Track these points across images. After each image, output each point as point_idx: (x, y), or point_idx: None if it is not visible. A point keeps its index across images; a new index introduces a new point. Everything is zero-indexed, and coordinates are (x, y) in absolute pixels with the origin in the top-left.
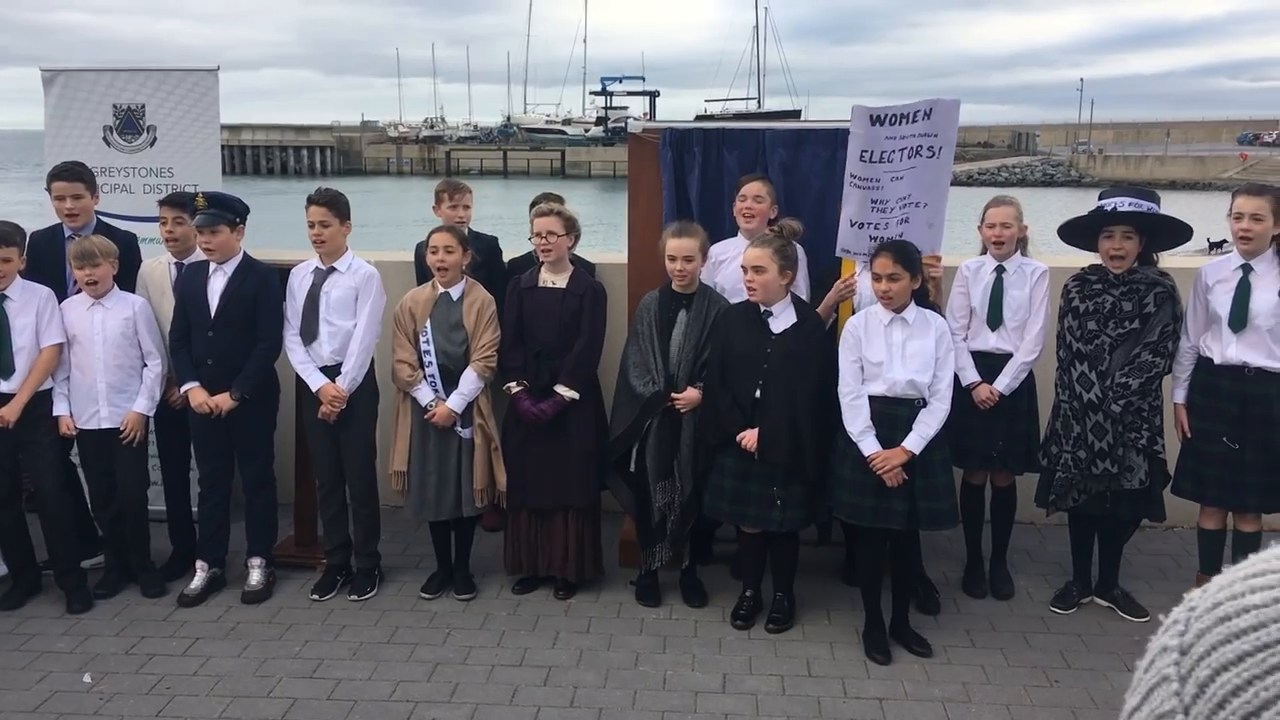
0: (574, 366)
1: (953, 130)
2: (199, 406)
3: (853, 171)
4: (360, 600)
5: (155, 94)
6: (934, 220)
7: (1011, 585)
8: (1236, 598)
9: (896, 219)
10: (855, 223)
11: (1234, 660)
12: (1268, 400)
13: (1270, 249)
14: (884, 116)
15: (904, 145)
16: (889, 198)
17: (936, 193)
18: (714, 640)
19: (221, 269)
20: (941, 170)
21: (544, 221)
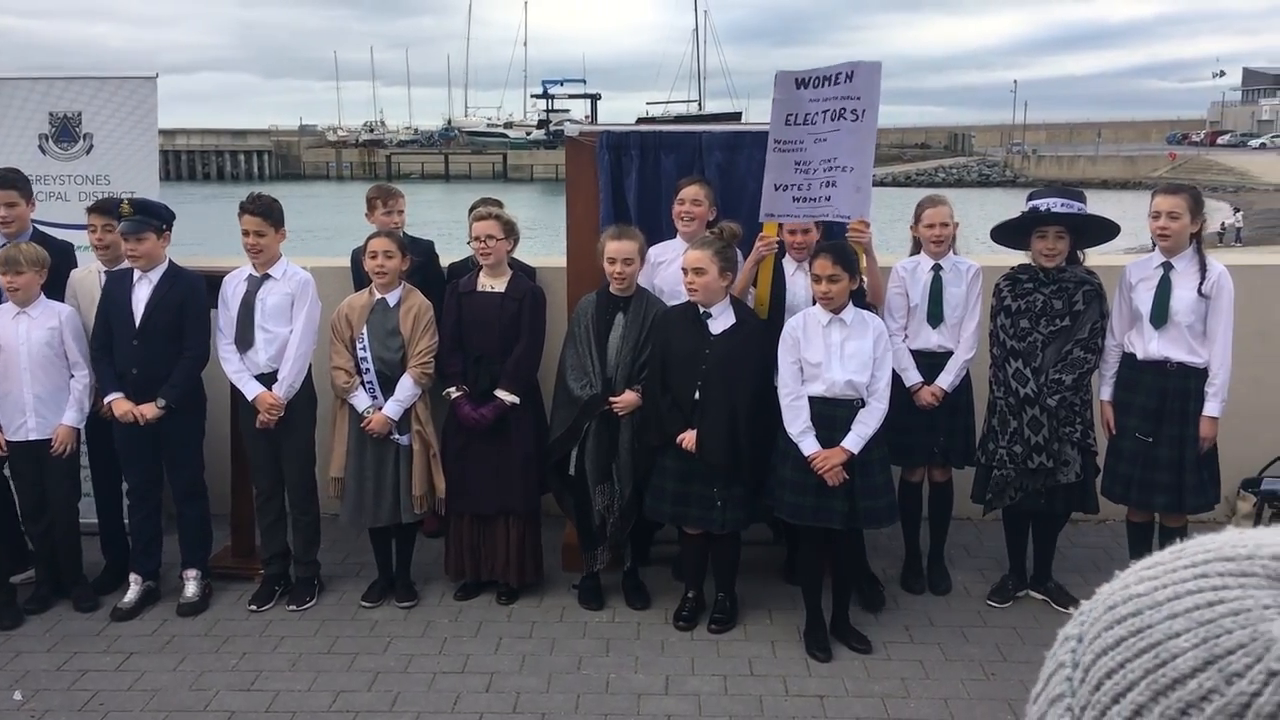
0: (514, 370)
1: (875, 93)
2: (123, 415)
3: (775, 137)
4: (299, 610)
5: (92, 101)
6: (861, 184)
7: (949, 580)
8: (1125, 588)
9: (821, 181)
10: (779, 185)
11: (1112, 645)
12: (1186, 394)
13: (1190, 247)
14: (808, 79)
15: (826, 107)
16: (812, 159)
17: (862, 156)
18: (657, 642)
19: (147, 277)
20: (866, 133)
21: (482, 225)
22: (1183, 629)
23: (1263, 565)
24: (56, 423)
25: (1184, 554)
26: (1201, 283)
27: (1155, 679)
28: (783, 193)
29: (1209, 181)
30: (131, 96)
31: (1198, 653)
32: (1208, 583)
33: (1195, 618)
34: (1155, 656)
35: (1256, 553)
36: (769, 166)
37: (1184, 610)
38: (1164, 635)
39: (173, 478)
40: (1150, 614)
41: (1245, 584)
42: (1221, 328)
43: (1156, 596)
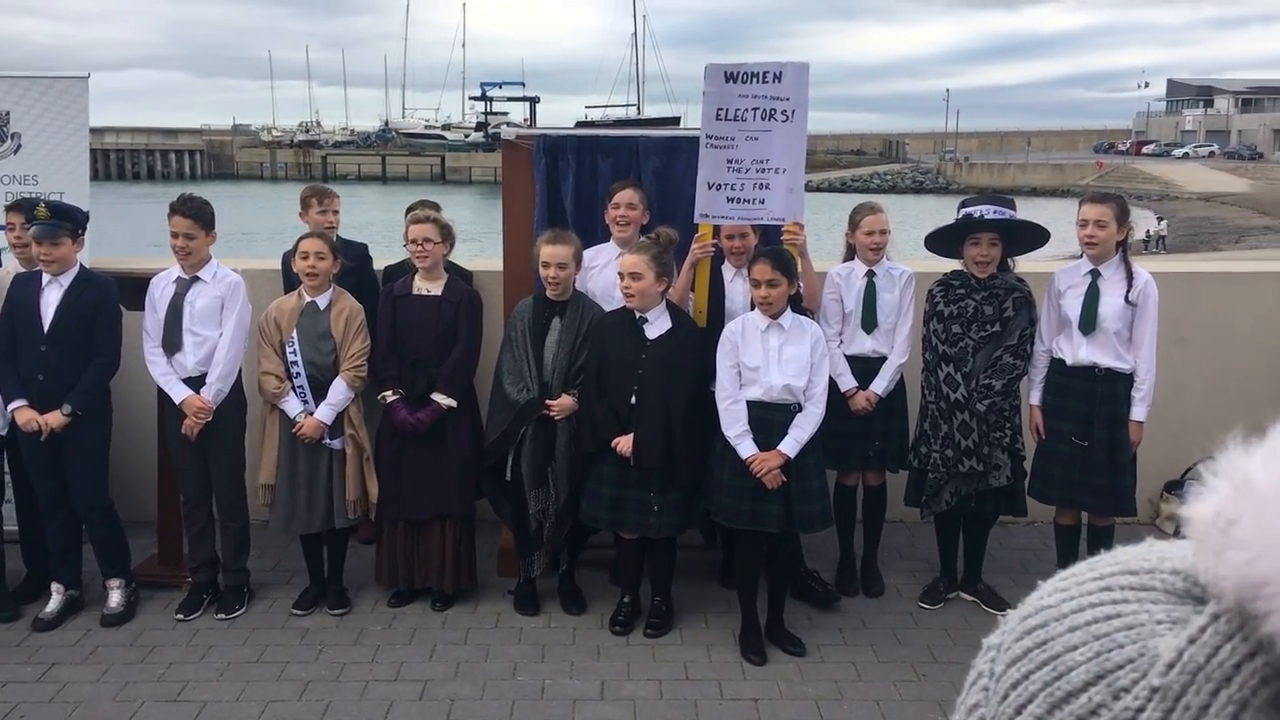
0: (451, 374)
1: (804, 93)
2: (26, 424)
3: (708, 132)
4: (228, 619)
5: (21, 101)
6: (794, 186)
7: (882, 583)
8: (1039, 598)
9: (753, 182)
10: (712, 184)
11: (1019, 656)
12: (1115, 399)
13: (1116, 255)
14: (737, 73)
15: (756, 105)
16: (744, 157)
17: (794, 158)
18: (592, 647)
19: (57, 281)
20: (797, 134)
21: (419, 228)
22: (1080, 642)
23: (1162, 580)
24: None
25: (1097, 566)
26: (1128, 290)
27: (1052, 691)
28: (717, 192)
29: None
30: (62, 96)
31: (1090, 666)
32: (1109, 596)
33: (1092, 631)
34: (1053, 669)
35: (1158, 566)
36: (702, 163)
37: (1083, 623)
38: (1063, 648)
39: (75, 489)
40: (1054, 626)
41: (1143, 598)
42: (1147, 334)
43: (1062, 609)
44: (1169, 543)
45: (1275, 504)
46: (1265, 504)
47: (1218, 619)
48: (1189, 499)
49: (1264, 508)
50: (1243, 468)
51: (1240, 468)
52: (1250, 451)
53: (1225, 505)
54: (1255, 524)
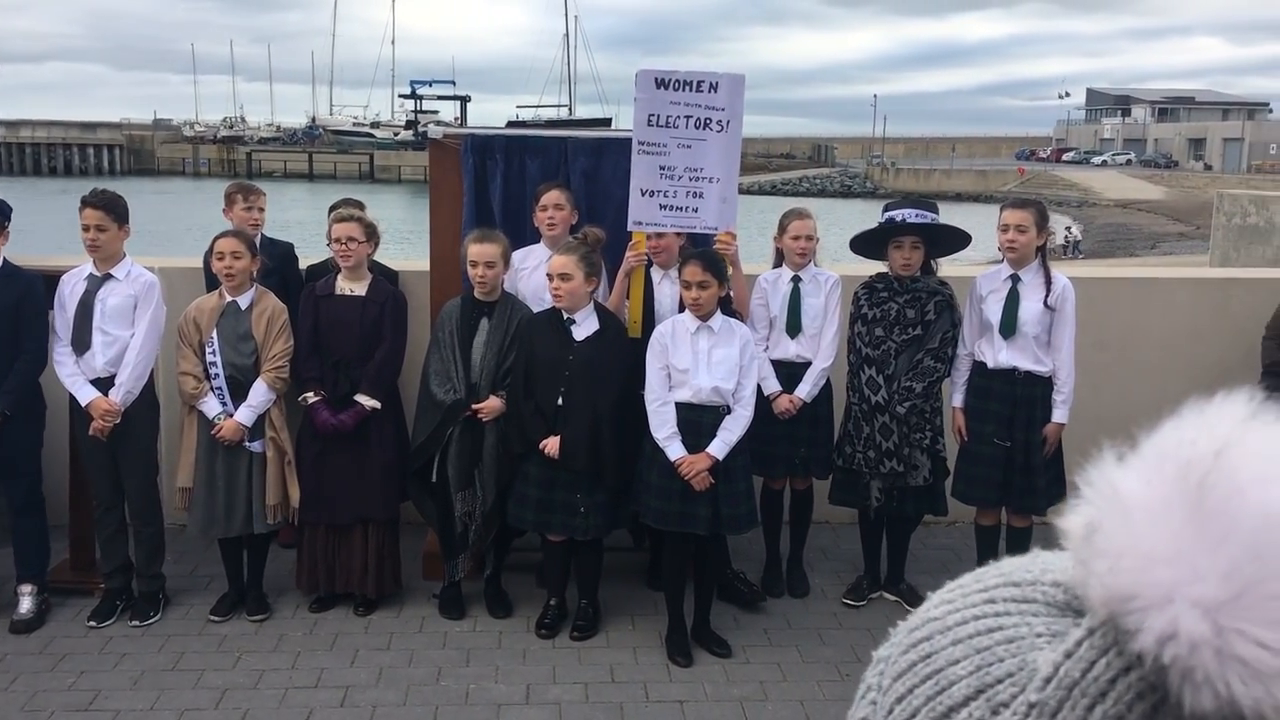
0: (375, 375)
1: (740, 104)
2: None
3: (640, 138)
4: (142, 626)
5: None
6: (727, 195)
7: (807, 584)
8: (927, 610)
9: (686, 190)
10: (645, 191)
11: (904, 670)
12: (1033, 402)
13: (1036, 260)
14: (669, 81)
15: (689, 113)
16: (676, 164)
17: (728, 168)
18: (518, 651)
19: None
20: (732, 145)
21: (342, 227)
22: (962, 655)
23: (1043, 591)
24: None
25: (983, 578)
26: (1047, 295)
27: (934, 706)
28: (649, 199)
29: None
30: None
31: (971, 681)
32: (992, 608)
33: (973, 645)
34: (936, 683)
35: (1040, 579)
36: (634, 169)
37: (965, 636)
38: (946, 661)
39: (7, 489)
40: (939, 639)
41: (1025, 610)
42: (1066, 338)
43: (947, 621)
44: (1053, 554)
45: (1139, 515)
46: (1129, 515)
47: (1093, 633)
48: (1068, 510)
49: (1128, 518)
50: (1111, 478)
51: (1109, 479)
52: (1119, 463)
53: (1093, 516)
54: (1118, 534)
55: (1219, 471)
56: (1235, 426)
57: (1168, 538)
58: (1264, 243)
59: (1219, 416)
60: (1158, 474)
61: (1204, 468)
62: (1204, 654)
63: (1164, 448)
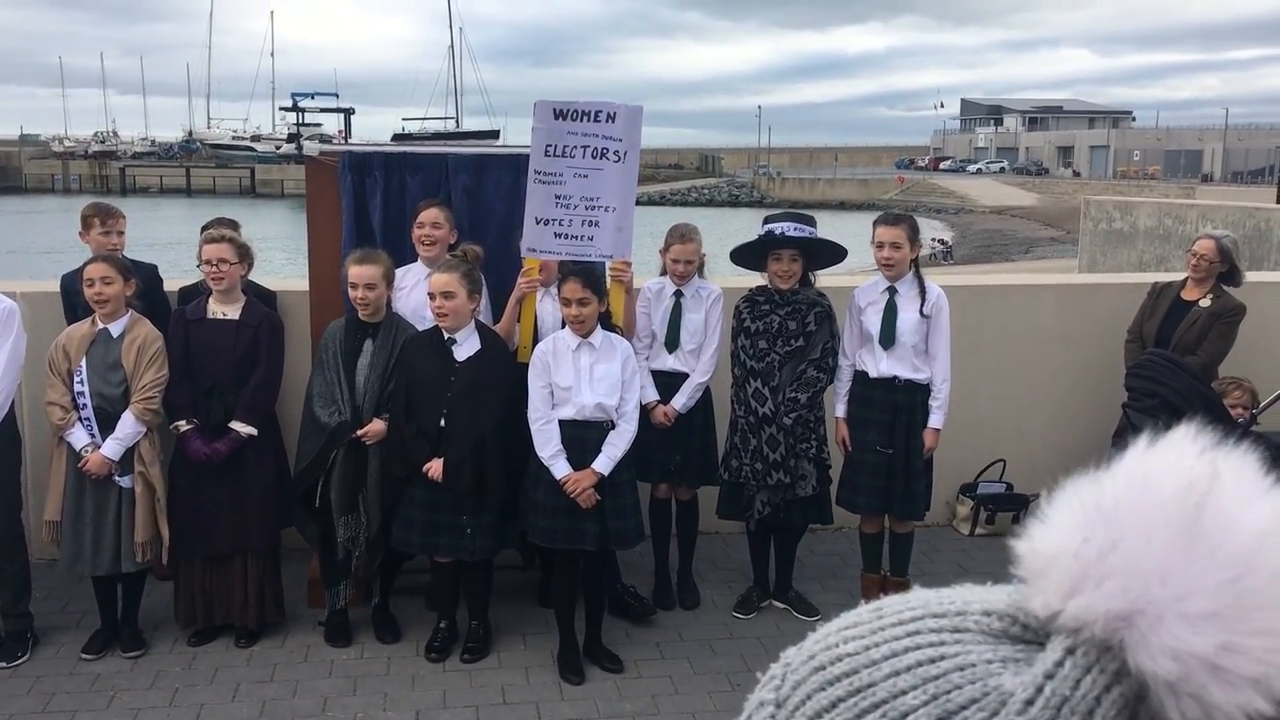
0: (250, 401)
1: (637, 135)
2: None
3: (536, 167)
4: (9, 667)
5: None
6: (623, 224)
7: (697, 595)
8: (830, 648)
9: (582, 219)
10: (540, 219)
11: (828, 706)
12: (913, 409)
13: (910, 271)
14: (566, 111)
15: (587, 144)
16: (572, 193)
17: (625, 197)
18: (407, 676)
19: None
20: (628, 174)
21: (213, 249)
22: (909, 686)
23: (975, 621)
24: None
25: (884, 613)
26: (923, 305)
27: None
28: (544, 227)
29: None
30: None
31: (929, 710)
32: (924, 639)
33: (921, 674)
34: (883, 715)
35: (966, 609)
36: (529, 197)
37: (907, 667)
38: (889, 693)
39: None
40: (869, 672)
41: (962, 639)
42: (942, 345)
43: (872, 655)
44: (963, 586)
45: (1145, 533)
46: (1135, 533)
47: (1073, 652)
48: (1024, 534)
49: (1135, 537)
50: (1107, 497)
51: (1103, 498)
52: (1105, 481)
53: (1093, 535)
54: (1127, 553)
55: (1214, 493)
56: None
57: (1161, 555)
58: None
59: (1191, 444)
60: (1155, 495)
61: (1202, 489)
62: (1193, 666)
63: (1157, 471)
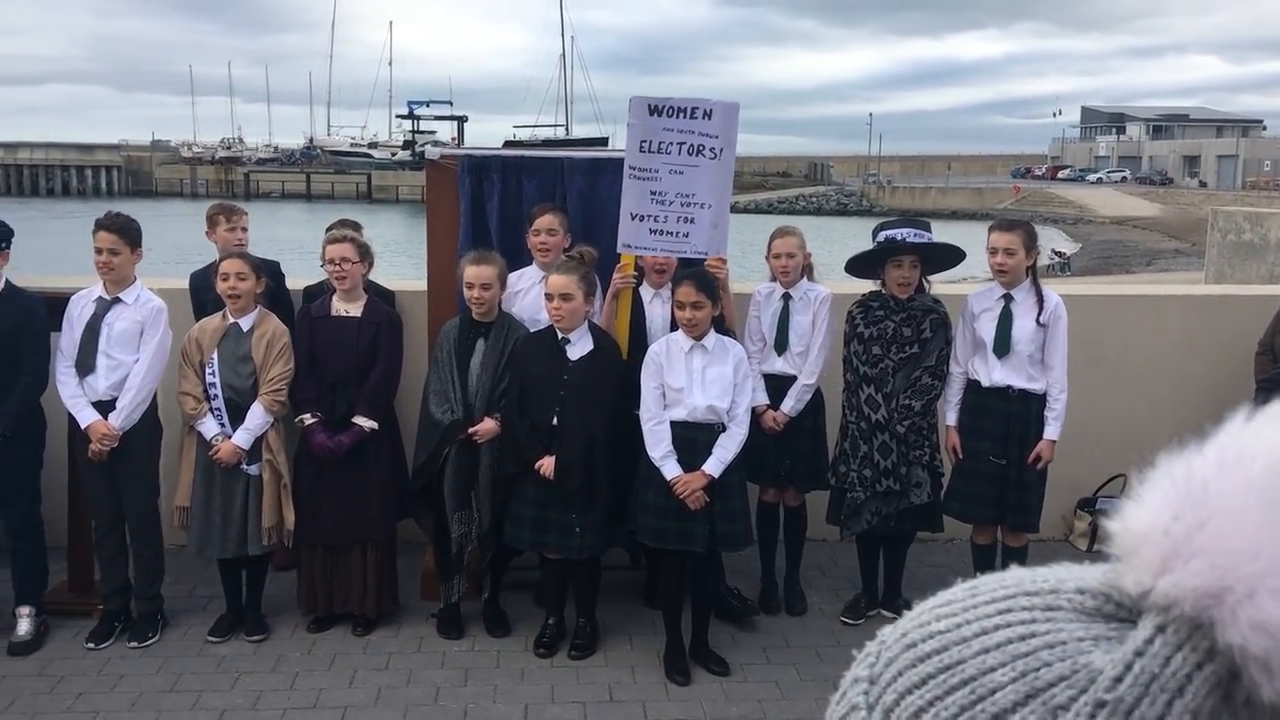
0: (371, 396)
1: (734, 132)
2: None
3: (631, 163)
4: (141, 647)
5: None
6: (719, 222)
7: (804, 601)
8: (923, 625)
9: (678, 216)
10: (635, 215)
11: (918, 683)
12: (1027, 419)
13: (1027, 279)
14: (662, 107)
15: (683, 140)
16: (668, 190)
17: (720, 194)
18: (516, 670)
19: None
20: (724, 172)
21: (336, 249)
22: (998, 663)
23: (1068, 599)
24: None
25: (979, 592)
26: (1040, 313)
27: (973, 714)
28: (639, 223)
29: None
30: None
31: (1018, 687)
32: (1015, 617)
33: (1010, 651)
34: (971, 692)
35: (1060, 587)
36: (625, 194)
37: (996, 644)
38: (978, 670)
39: (5, 512)
40: (959, 649)
41: (1054, 618)
42: (1059, 355)
43: (963, 632)
44: (1059, 565)
45: (1235, 510)
46: (1225, 511)
47: (1163, 630)
48: (1116, 512)
49: (1224, 514)
50: (1196, 475)
51: (1192, 475)
52: (1195, 459)
53: (1183, 513)
54: (1216, 531)
55: None
56: None
57: (1251, 532)
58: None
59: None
60: (1245, 472)
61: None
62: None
63: (1248, 448)
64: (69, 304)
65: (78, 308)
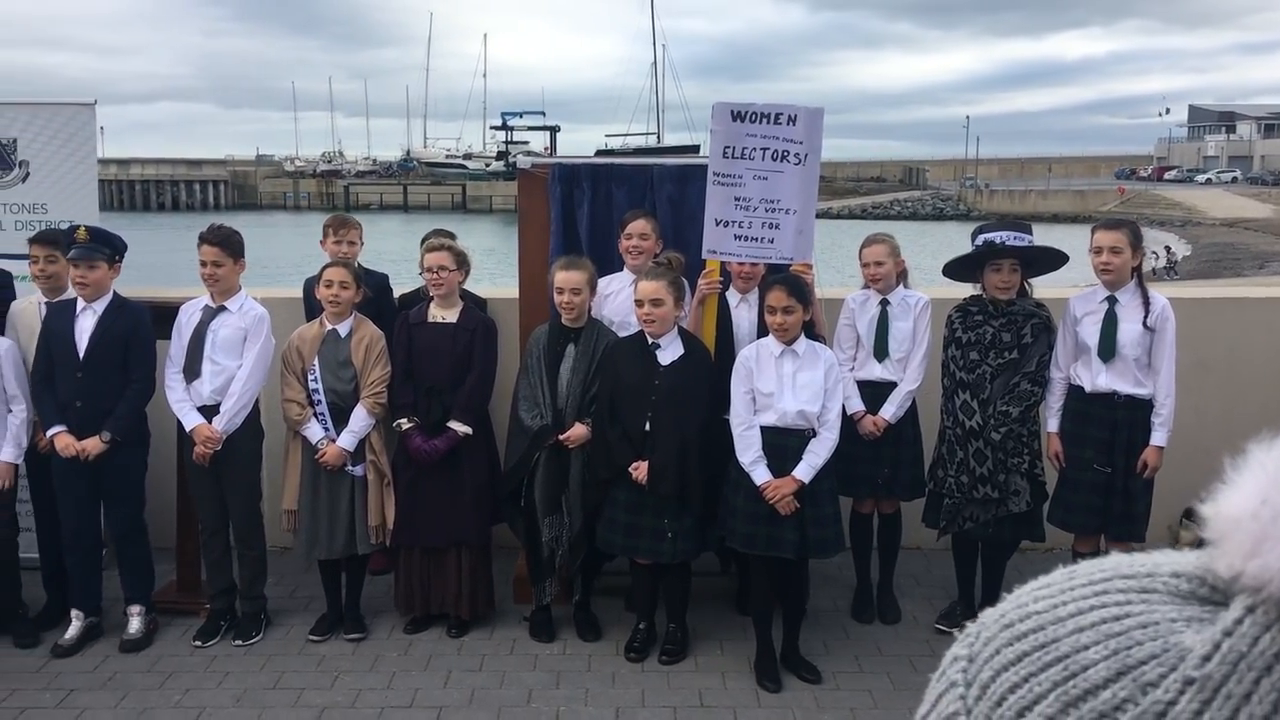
0: (466, 401)
1: (818, 138)
2: (65, 450)
3: (715, 169)
4: (245, 645)
5: (28, 128)
6: (804, 227)
7: (898, 610)
8: (1021, 606)
9: (762, 221)
10: (720, 221)
11: (1014, 660)
12: (1134, 425)
13: (1132, 281)
14: (745, 113)
15: (767, 145)
16: (751, 195)
17: (805, 200)
18: (607, 674)
19: (91, 308)
20: (809, 177)
21: (434, 256)
22: (1091, 641)
23: (1163, 582)
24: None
25: (1077, 575)
26: (1146, 315)
27: (1065, 690)
28: (724, 229)
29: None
30: (69, 123)
31: (1109, 664)
32: (1110, 599)
33: (1103, 631)
34: (1064, 669)
35: (1156, 570)
36: (709, 200)
37: (1090, 624)
38: (1072, 648)
39: (111, 516)
40: (1054, 629)
41: (1149, 599)
42: (1166, 359)
43: (1059, 613)
44: (1157, 551)
45: None
46: None
47: (1253, 611)
48: (1213, 497)
49: None
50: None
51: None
52: None
53: (1271, 497)
54: None
55: None
56: None
57: None
58: None
59: None
60: None
61: None
62: None
63: None
64: (178, 312)
65: (186, 316)
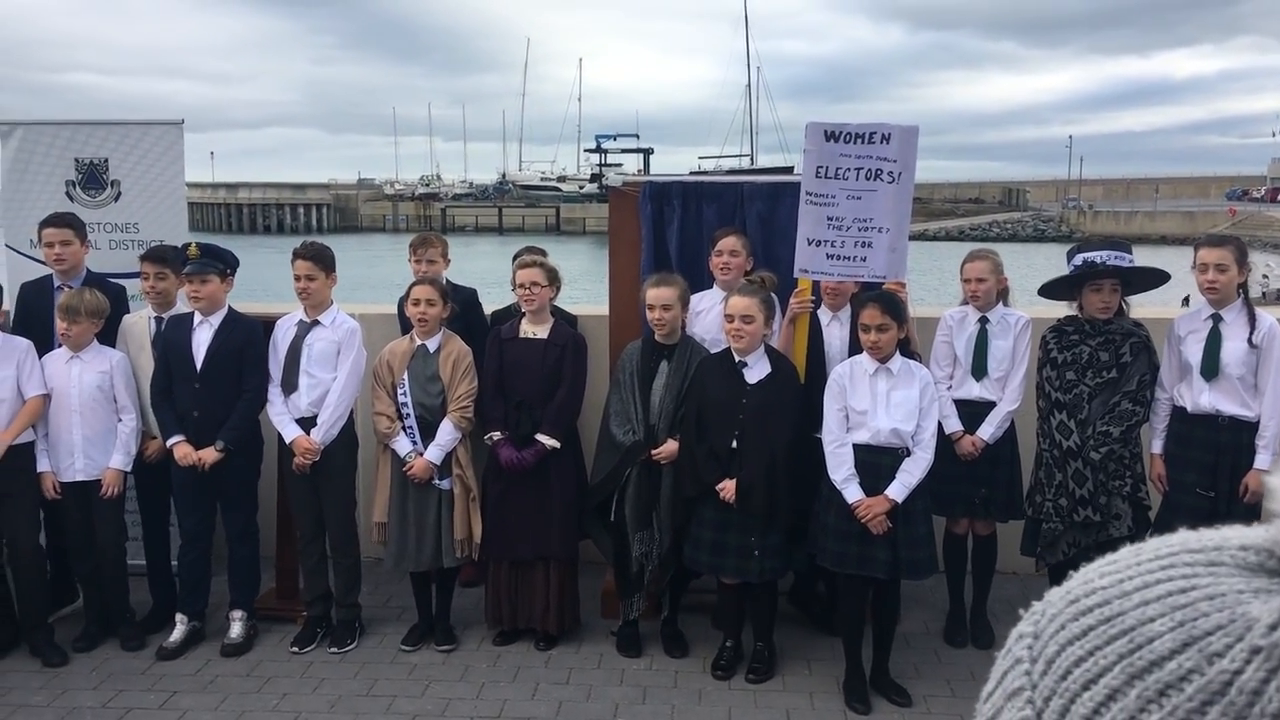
0: (555, 416)
1: (913, 157)
2: (183, 459)
3: (808, 189)
4: (340, 652)
5: (119, 147)
6: (897, 245)
7: (992, 634)
8: (1087, 583)
9: (855, 240)
10: (812, 240)
11: (1079, 635)
12: (1238, 448)
13: (1238, 299)
14: (839, 133)
15: (860, 165)
16: (845, 215)
17: (899, 218)
18: (694, 691)
19: (207, 321)
20: (903, 196)
21: (526, 273)
22: (1157, 614)
23: (1231, 555)
24: (103, 465)
25: (1143, 551)
26: (1251, 334)
27: (1131, 662)
28: (816, 248)
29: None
30: (159, 142)
31: (1175, 635)
32: (1177, 572)
33: (1170, 603)
34: (1130, 641)
35: (1224, 544)
36: (801, 219)
37: (1156, 597)
38: (1137, 621)
39: (227, 519)
40: (1120, 603)
41: (1216, 572)
42: (1272, 380)
43: (1125, 587)
44: (1226, 527)
45: None
46: None
47: None
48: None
49: None
50: None
51: None
52: None
53: None
54: None
55: None
56: None
57: None
58: None
59: None
60: None
61: None
62: None
63: None
64: (274, 328)
65: (281, 331)
